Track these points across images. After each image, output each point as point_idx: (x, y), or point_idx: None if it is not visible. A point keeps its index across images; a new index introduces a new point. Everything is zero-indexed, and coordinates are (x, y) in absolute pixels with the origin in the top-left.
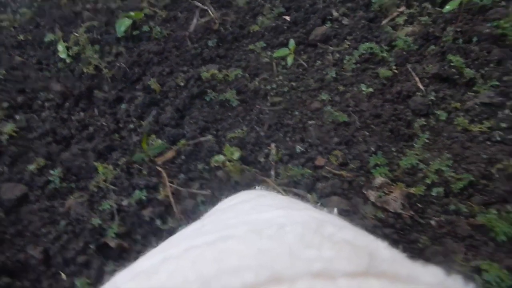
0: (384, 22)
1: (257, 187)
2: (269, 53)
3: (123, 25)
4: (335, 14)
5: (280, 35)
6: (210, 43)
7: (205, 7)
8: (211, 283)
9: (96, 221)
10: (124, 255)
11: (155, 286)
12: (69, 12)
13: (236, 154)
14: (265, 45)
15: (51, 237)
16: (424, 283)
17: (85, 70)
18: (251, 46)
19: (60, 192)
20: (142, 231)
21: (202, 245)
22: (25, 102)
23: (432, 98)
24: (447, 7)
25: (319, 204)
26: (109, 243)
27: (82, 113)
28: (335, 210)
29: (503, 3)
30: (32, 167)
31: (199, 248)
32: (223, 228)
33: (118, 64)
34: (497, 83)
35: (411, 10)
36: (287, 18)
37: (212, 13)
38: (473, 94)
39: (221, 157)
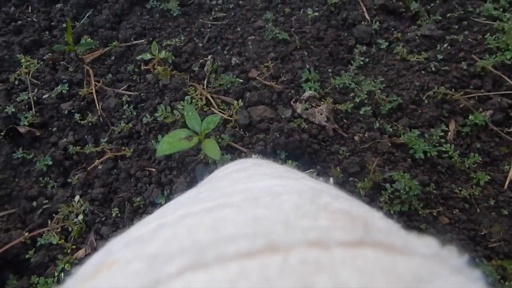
0: None
1: (253, 155)
2: None
3: None
4: None
5: None
6: None
7: None
8: (206, 251)
9: (10, 109)
10: (36, 144)
11: (150, 253)
12: None
13: (163, 53)
14: None
15: None
16: (419, 254)
17: None
18: None
19: None
20: (59, 124)
21: (198, 213)
22: None
23: (376, 28)
24: None
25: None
26: (19, 129)
27: (13, 8)
28: (331, 179)
29: None
30: None
31: (195, 215)
32: (219, 196)
33: None
34: (440, 17)
35: None
36: None
37: None
38: (416, 27)
39: (147, 55)
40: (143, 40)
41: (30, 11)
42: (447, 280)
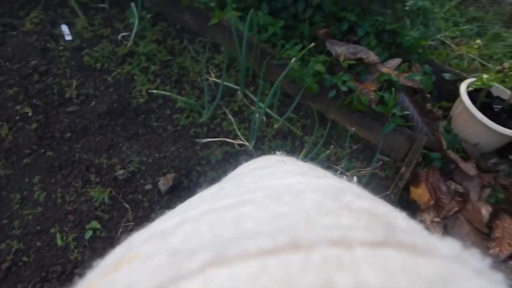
0: None
1: (277, 152)
2: None
3: None
4: None
5: None
6: None
7: None
8: (228, 247)
9: None
10: None
11: (171, 248)
12: None
13: None
14: None
15: None
16: (442, 255)
17: None
18: None
19: None
20: None
21: (220, 209)
22: None
23: None
24: None
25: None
26: None
27: None
28: (355, 178)
29: None
30: None
31: (217, 211)
32: (242, 192)
33: None
34: None
35: None
36: None
37: None
38: None
39: None
40: None
41: None
42: (469, 281)
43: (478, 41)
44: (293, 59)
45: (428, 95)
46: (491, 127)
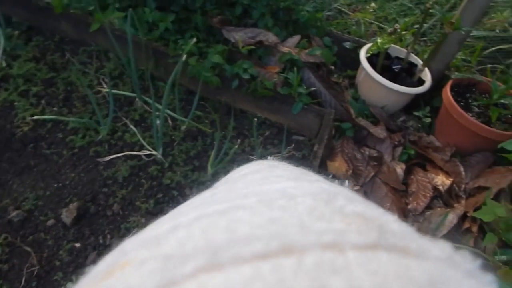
0: None
1: (269, 157)
2: None
3: None
4: None
5: None
6: None
7: None
8: (221, 252)
9: None
10: None
11: (165, 253)
12: None
13: None
14: None
15: None
16: (433, 257)
17: None
18: None
19: None
20: None
21: (213, 214)
22: None
23: None
24: None
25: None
26: None
27: None
28: (346, 182)
29: None
30: None
31: (210, 216)
32: (234, 197)
33: None
34: None
35: None
36: None
37: None
38: None
39: None
40: None
41: None
42: (460, 283)
43: (373, 4)
44: (184, 55)
45: (333, 67)
46: (392, 88)
